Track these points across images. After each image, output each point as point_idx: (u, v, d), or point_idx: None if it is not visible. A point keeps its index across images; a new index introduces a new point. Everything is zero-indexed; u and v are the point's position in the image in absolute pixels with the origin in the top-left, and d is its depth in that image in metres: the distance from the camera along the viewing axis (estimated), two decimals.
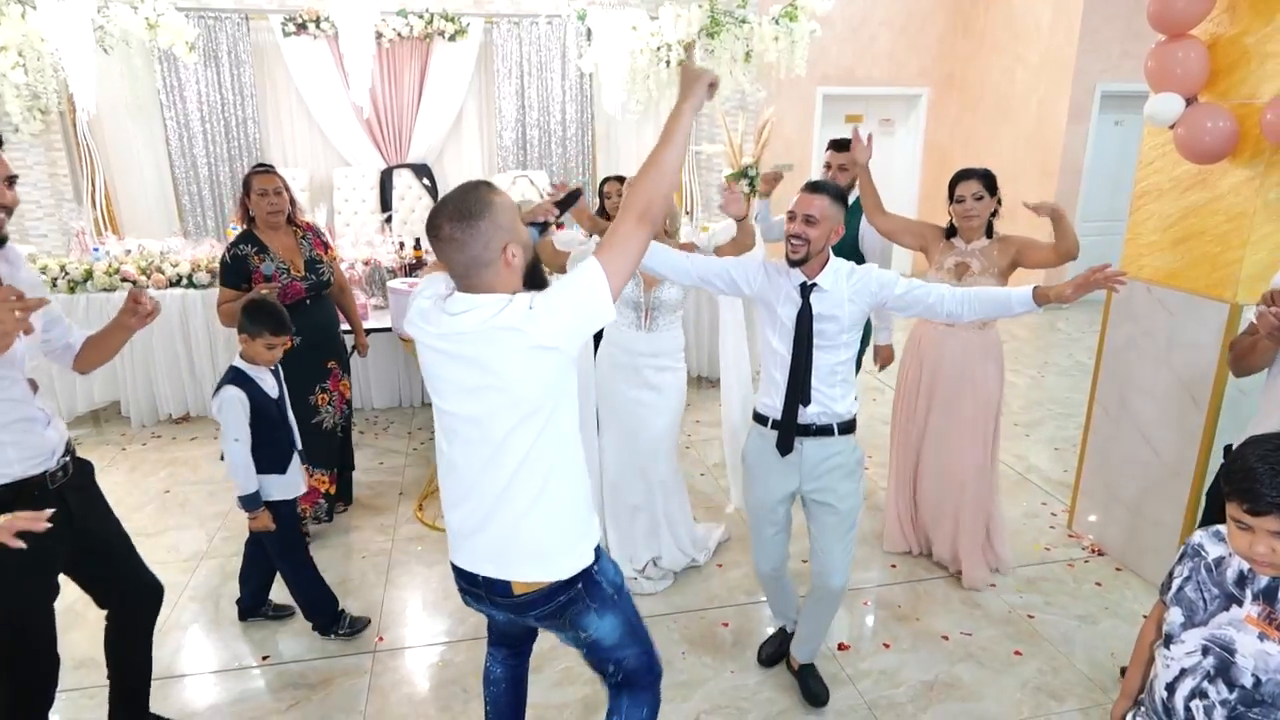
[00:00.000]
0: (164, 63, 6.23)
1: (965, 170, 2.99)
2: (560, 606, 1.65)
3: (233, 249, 3.17)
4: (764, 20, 5.87)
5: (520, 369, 1.50)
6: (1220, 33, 2.83)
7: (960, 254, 3.00)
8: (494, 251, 1.51)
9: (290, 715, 2.51)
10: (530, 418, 1.53)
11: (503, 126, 6.94)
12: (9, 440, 1.78)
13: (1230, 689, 1.39)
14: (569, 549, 1.64)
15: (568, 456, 1.62)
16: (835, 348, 2.25)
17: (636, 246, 1.51)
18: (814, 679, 2.57)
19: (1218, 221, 2.89)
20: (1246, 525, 1.33)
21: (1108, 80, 7.18)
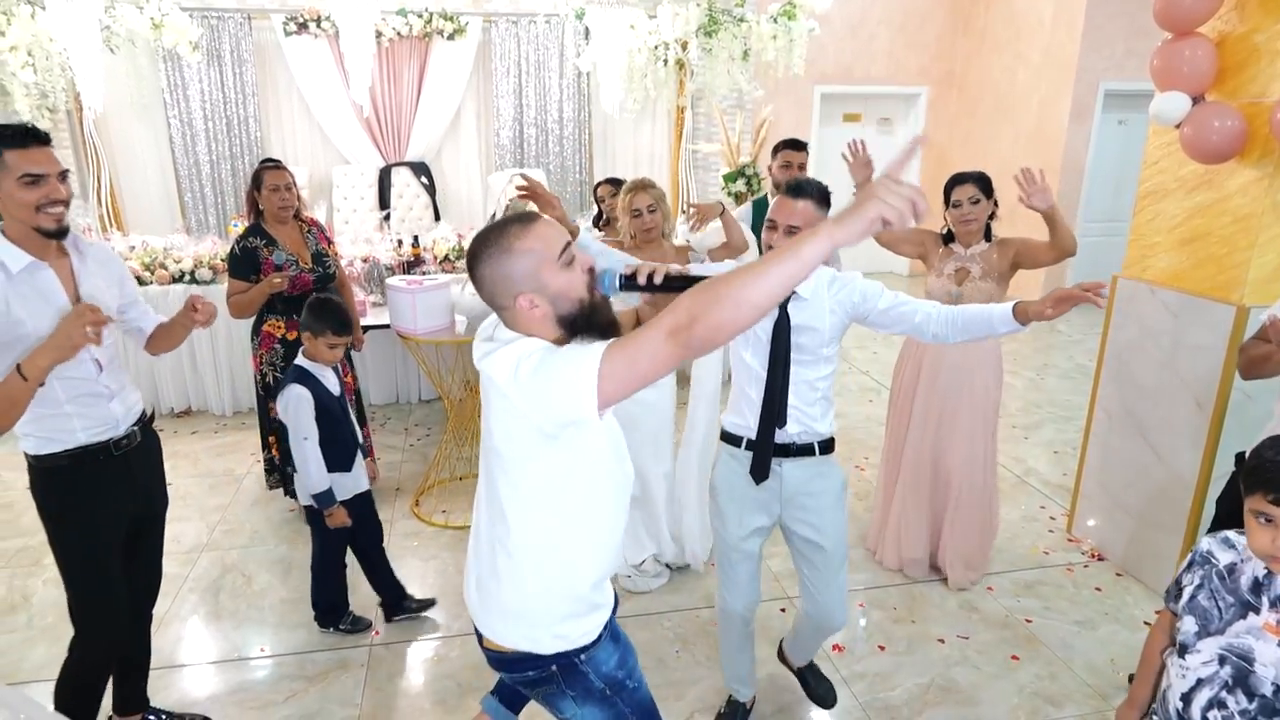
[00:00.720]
0: (168, 62, 6.25)
1: (960, 174, 2.94)
2: (530, 681, 1.51)
3: (242, 241, 3.28)
4: (762, 19, 5.86)
5: (500, 418, 1.38)
6: (1229, 30, 2.81)
7: (960, 259, 2.96)
8: (505, 299, 1.34)
9: (288, 707, 2.51)
10: (509, 472, 1.40)
11: (500, 125, 6.95)
12: (74, 412, 1.93)
13: (1250, 699, 1.36)
14: (539, 624, 1.45)
15: (563, 530, 1.43)
16: (815, 362, 2.05)
17: (651, 366, 1.19)
18: (816, 677, 2.50)
19: (1225, 223, 2.86)
20: (1269, 518, 1.31)
21: (1111, 79, 7.16)
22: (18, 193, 1.77)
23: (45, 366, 1.72)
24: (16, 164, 1.76)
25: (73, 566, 2.02)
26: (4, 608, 3.00)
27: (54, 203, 1.81)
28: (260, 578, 3.21)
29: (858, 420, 4.86)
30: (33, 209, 1.78)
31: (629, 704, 1.54)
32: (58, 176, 1.82)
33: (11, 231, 1.83)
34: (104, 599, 2.06)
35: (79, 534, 1.99)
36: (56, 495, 1.96)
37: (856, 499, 3.88)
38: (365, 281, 4.50)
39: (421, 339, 3.42)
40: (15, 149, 1.76)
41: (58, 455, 1.93)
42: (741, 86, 5.93)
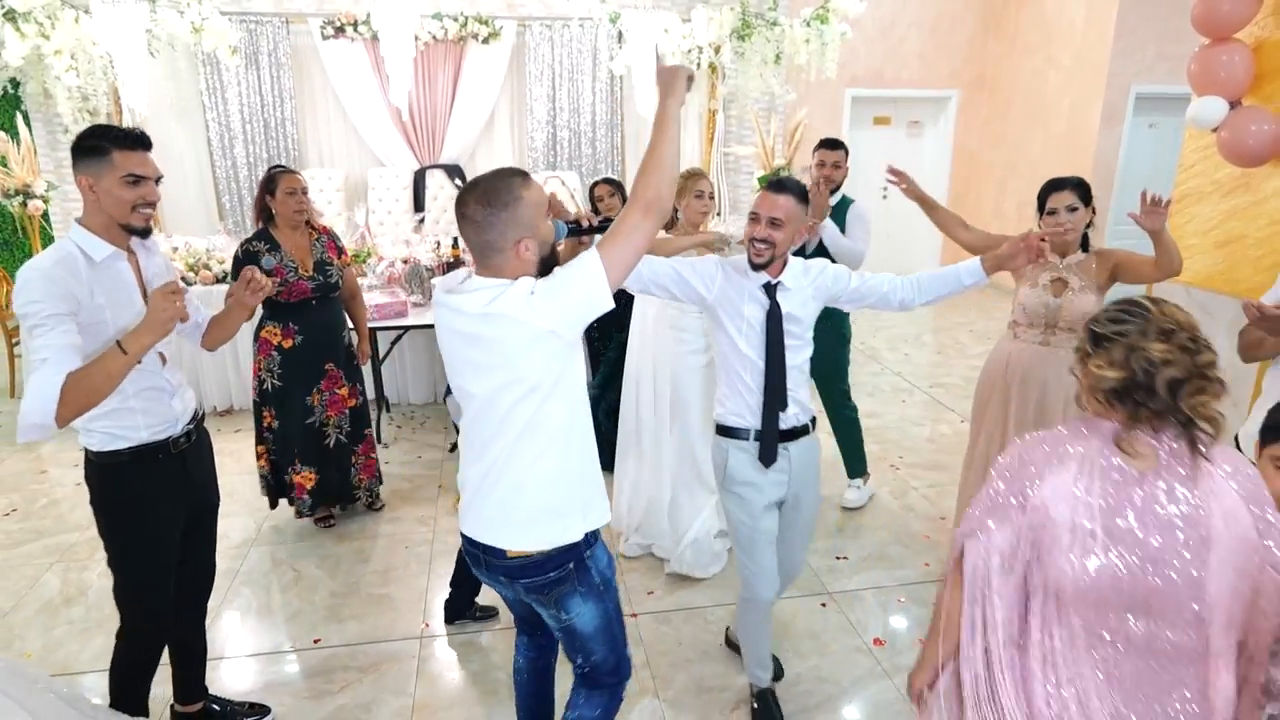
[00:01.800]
0: (207, 65, 6.39)
1: (1057, 180, 2.69)
2: (550, 582, 1.71)
3: (246, 245, 3.25)
4: (795, 23, 5.91)
5: (520, 350, 1.58)
6: (1265, 36, 2.84)
7: (1055, 270, 2.72)
8: (508, 241, 1.58)
9: (342, 696, 2.59)
10: (531, 394, 1.61)
11: (534, 127, 7.04)
12: (139, 407, 1.98)
13: None
14: (559, 521, 1.69)
15: (568, 433, 1.67)
16: (801, 346, 2.19)
17: (641, 238, 1.57)
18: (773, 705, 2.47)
19: (1260, 225, 2.90)
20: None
21: (1142, 82, 7.13)
22: (119, 190, 1.86)
23: (148, 344, 1.77)
24: (122, 163, 1.86)
25: (127, 561, 2.07)
26: (60, 600, 3.10)
27: (148, 204, 1.92)
28: (310, 572, 3.31)
29: (891, 421, 4.90)
30: (129, 207, 1.89)
31: (612, 601, 1.82)
32: (155, 180, 1.94)
33: (92, 224, 1.90)
34: (154, 594, 2.11)
35: (136, 530, 2.04)
36: (116, 492, 2.00)
37: (893, 497, 3.93)
38: (406, 282, 4.60)
39: None
40: (124, 149, 1.86)
41: (120, 453, 1.97)
42: (774, 90, 5.99)
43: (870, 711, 2.53)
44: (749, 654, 2.45)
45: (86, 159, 1.86)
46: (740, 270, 2.16)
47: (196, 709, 2.42)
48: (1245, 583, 1.24)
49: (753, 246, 2.08)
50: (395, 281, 4.66)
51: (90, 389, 1.72)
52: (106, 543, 2.07)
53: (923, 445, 4.57)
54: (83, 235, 1.89)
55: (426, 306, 4.51)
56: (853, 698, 2.58)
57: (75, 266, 1.84)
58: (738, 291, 2.14)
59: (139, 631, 2.15)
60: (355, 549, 3.48)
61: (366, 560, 3.39)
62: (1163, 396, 1.26)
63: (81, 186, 1.87)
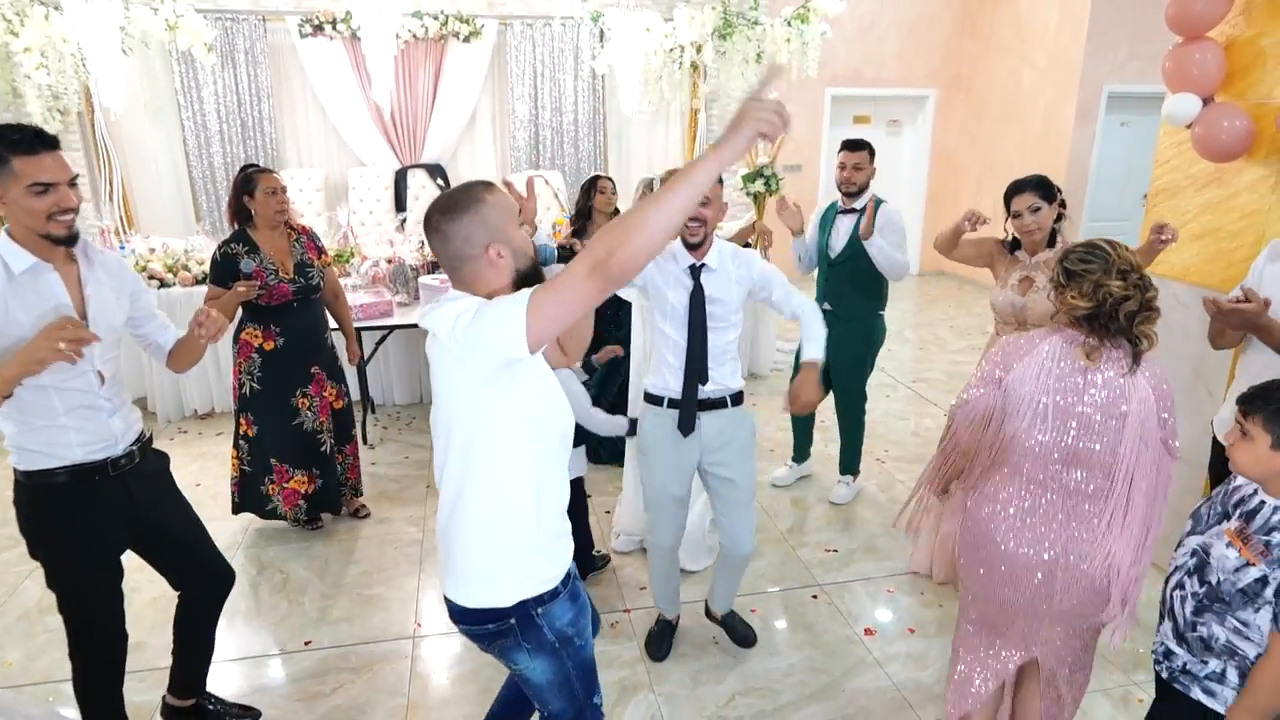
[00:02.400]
0: (182, 64, 6.31)
1: (1018, 182, 2.75)
2: (488, 634, 1.59)
3: (224, 247, 3.14)
4: (776, 22, 5.95)
5: (446, 375, 1.48)
6: (1236, 35, 2.91)
7: (1025, 268, 2.80)
8: (476, 247, 1.47)
9: (336, 697, 2.58)
10: (458, 428, 1.49)
11: (516, 126, 7.03)
12: (71, 425, 1.87)
13: (1200, 585, 1.65)
14: (489, 581, 1.55)
15: (508, 487, 1.52)
16: (726, 329, 2.34)
17: (577, 301, 1.30)
18: (739, 623, 2.78)
19: (1233, 218, 2.96)
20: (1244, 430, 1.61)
21: (1114, 82, 7.26)
22: (27, 201, 1.71)
23: (10, 377, 1.64)
24: (25, 171, 1.70)
25: (61, 586, 1.97)
26: (38, 610, 3.04)
27: (65, 210, 1.76)
28: (298, 574, 3.28)
29: (876, 416, 4.94)
30: (43, 217, 1.73)
31: (573, 659, 1.66)
32: (67, 183, 1.77)
33: (17, 233, 1.77)
34: (90, 620, 2.02)
35: (68, 555, 1.93)
36: (45, 513, 1.90)
37: (879, 490, 3.97)
38: (391, 282, 4.58)
39: None
40: (23, 155, 1.69)
41: (51, 472, 1.87)
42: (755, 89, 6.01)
43: (862, 700, 2.56)
44: (655, 591, 2.75)
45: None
46: (668, 255, 2.30)
47: (189, 704, 2.39)
48: (1144, 450, 1.76)
49: (686, 226, 2.21)
50: (380, 281, 4.63)
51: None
52: (42, 565, 1.97)
53: (908, 439, 4.62)
54: (5, 245, 1.76)
55: (411, 306, 4.49)
56: (845, 686, 2.62)
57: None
58: (664, 276, 2.30)
59: (88, 651, 2.05)
60: (343, 550, 3.46)
61: (355, 561, 3.37)
62: (1121, 323, 1.73)
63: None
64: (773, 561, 3.33)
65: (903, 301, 7.83)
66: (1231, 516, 1.65)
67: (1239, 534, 1.61)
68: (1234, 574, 1.58)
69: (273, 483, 3.41)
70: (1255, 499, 1.62)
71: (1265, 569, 1.54)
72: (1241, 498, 1.65)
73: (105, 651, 2.08)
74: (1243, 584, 1.56)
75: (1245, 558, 1.57)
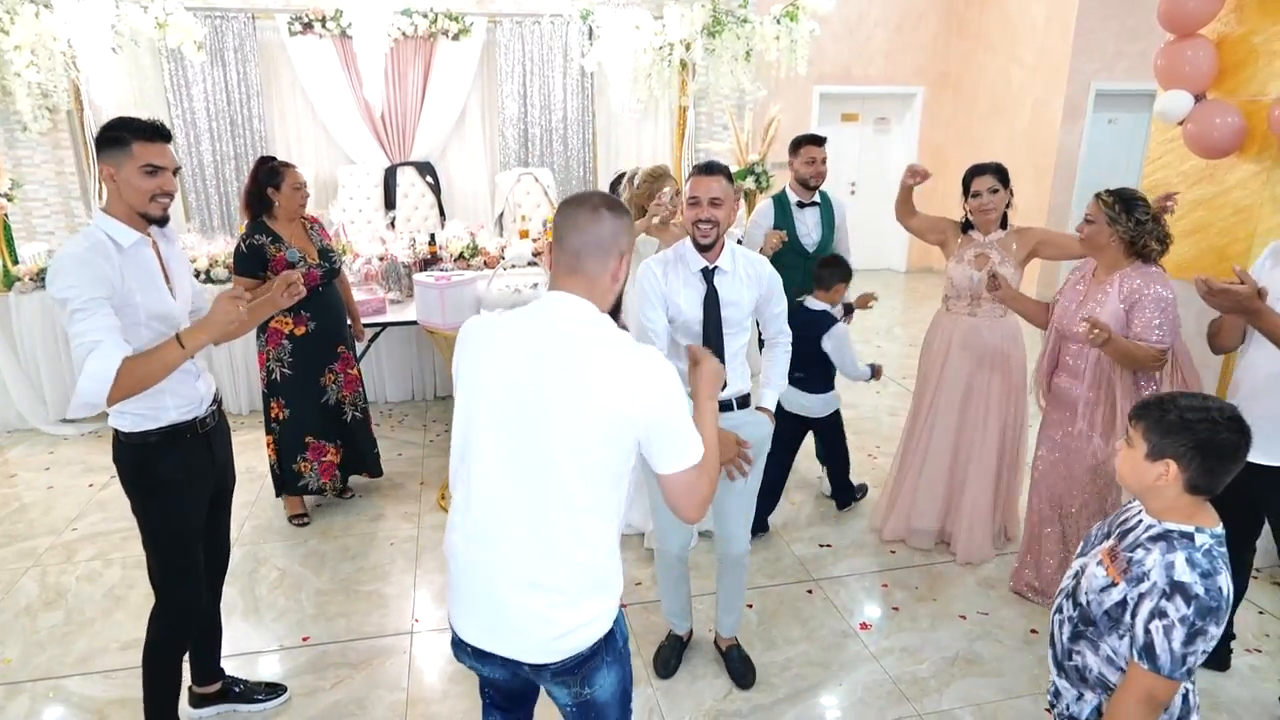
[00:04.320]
0: (171, 62, 6.26)
1: (979, 166, 3.05)
2: (578, 663, 1.48)
3: (248, 239, 3.25)
4: (765, 20, 5.96)
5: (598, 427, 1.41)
6: (1228, 32, 2.95)
7: (979, 246, 3.09)
8: (616, 247, 1.47)
9: (336, 692, 2.58)
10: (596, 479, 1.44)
11: (505, 124, 7.02)
12: (168, 389, 2.02)
13: (1074, 607, 1.59)
14: (611, 593, 1.53)
15: (619, 514, 1.53)
16: (737, 334, 2.29)
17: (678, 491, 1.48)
18: (740, 659, 2.63)
19: (1225, 215, 3.00)
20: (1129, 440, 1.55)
21: (1101, 79, 7.32)
22: (137, 180, 1.92)
23: (204, 341, 1.87)
24: (141, 154, 1.91)
25: (160, 539, 2.13)
26: (39, 605, 3.04)
27: (166, 194, 1.98)
28: (295, 570, 3.27)
29: (867, 410, 4.98)
30: (148, 197, 1.94)
31: (628, 663, 1.61)
32: (172, 171, 1.99)
33: (116, 211, 1.96)
34: (188, 569, 2.17)
35: (168, 508, 2.10)
36: (149, 472, 2.06)
37: (872, 485, 3.99)
38: (383, 279, 4.57)
39: (449, 333, 3.50)
40: (143, 141, 1.91)
41: (150, 433, 2.03)
42: (744, 86, 6.04)
43: (860, 693, 2.58)
44: (665, 604, 2.66)
45: (108, 149, 1.91)
46: (678, 258, 2.26)
47: (215, 689, 2.48)
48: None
49: (698, 228, 2.18)
50: (372, 279, 4.62)
51: (145, 374, 1.82)
52: (141, 523, 2.12)
53: (898, 434, 4.63)
54: (109, 222, 1.94)
55: (404, 303, 4.48)
56: (841, 680, 2.63)
57: (107, 251, 1.90)
58: (677, 279, 2.25)
59: (176, 609, 2.18)
60: (340, 547, 3.45)
61: (351, 558, 3.37)
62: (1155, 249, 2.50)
63: (104, 175, 1.94)
64: (767, 557, 3.35)
65: (891, 299, 7.87)
66: (1110, 536, 1.61)
67: (1110, 553, 1.55)
68: (1099, 594, 1.52)
69: (305, 460, 3.56)
70: (1135, 518, 1.56)
71: (1125, 588, 1.47)
72: (1126, 518, 1.60)
73: (187, 608, 2.19)
74: (1107, 605, 1.50)
75: (1110, 576, 1.51)
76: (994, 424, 3.17)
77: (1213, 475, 1.44)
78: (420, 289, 3.55)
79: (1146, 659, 1.42)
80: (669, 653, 2.68)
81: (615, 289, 1.51)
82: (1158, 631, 1.40)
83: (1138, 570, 1.46)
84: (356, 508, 3.79)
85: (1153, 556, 1.45)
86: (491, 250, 5.01)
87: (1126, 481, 1.54)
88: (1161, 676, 1.41)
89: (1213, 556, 1.43)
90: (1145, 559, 1.45)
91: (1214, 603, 1.38)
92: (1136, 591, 1.45)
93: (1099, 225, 2.55)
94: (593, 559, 1.45)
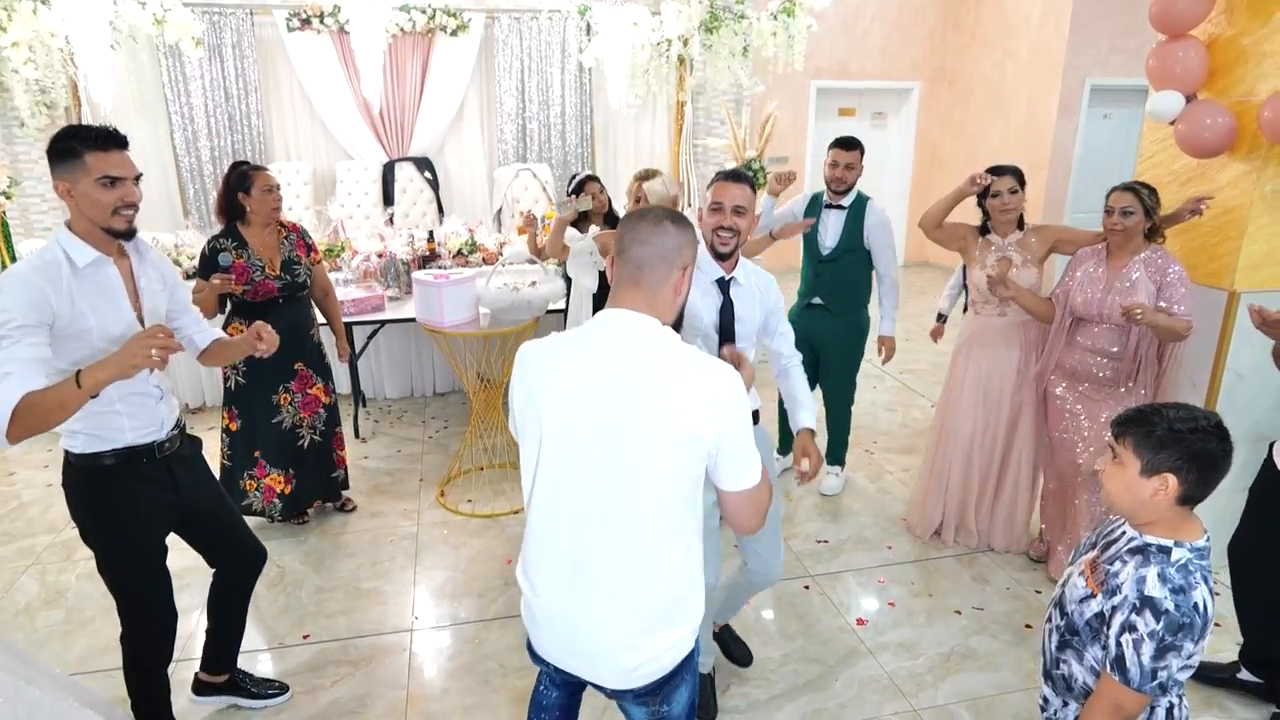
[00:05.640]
0: (170, 58, 6.25)
1: (999, 166, 3.12)
2: (665, 680, 1.49)
3: (213, 242, 3.18)
4: (762, 16, 5.97)
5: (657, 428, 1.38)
6: (1218, 33, 2.97)
7: (1000, 249, 3.14)
8: (681, 259, 1.46)
9: (337, 689, 2.60)
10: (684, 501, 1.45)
11: (503, 120, 7.01)
12: (124, 410, 1.94)
13: (1061, 616, 1.60)
14: (675, 649, 1.50)
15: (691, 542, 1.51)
16: (745, 348, 2.20)
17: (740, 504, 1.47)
18: (733, 639, 2.68)
19: (1216, 214, 3.02)
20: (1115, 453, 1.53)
21: (1096, 75, 7.34)
22: (96, 193, 1.80)
23: (104, 380, 1.68)
24: (97, 165, 1.79)
25: (114, 566, 2.05)
26: (39, 604, 3.06)
27: (129, 205, 1.86)
28: (294, 568, 3.30)
29: (864, 407, 5.00)
30: (109, 210, 1.82)
31: (697, 672, 1.61)
32: (133, 180, 1.87)
33: (79, 228, 1.85)
34: (151, 599, 2.11)
35: (121, 538, 2.01)
36: (96, 496, 1.96)
37: (869, 481, 4.03)
38: (382, 276, 4.58)
39: (449, 332, 3.52)
40: (96, 150, 1.79)
41: (103, 455, 1.94)
42: (742, 82, 6.05)
43: (856, 688, 2.61)
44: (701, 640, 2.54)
45: (61, 162, 1.80)
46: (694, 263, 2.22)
47: (223, 679, 2.49)
48: None
49: (718, 235, 2.10)
50: (370, 275, 4.64)
51: (42, 415, 1.65)
52: (91, 547, 2.04)
53: (896, 430, 4.69)
54: (68, 239, 1.84)
55: (402, 300, 4.50)
56: (839, 675, 2.67)
57: (56, 273, 1.79)
58: (696, 286, 2.14)
59: (140, 633, 2.14)
60: (339, 544, 3.48)
61: (350, 555, 3.39)
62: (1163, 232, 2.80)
63: (60, 191, 1.82)
64: None
65: None
66: (1095, 546, 1.61)
67: (1092, 564, 1.55)
68: (1080, 604, 1.53)
69: (251, 478, 3.44)
70: (1119, 529, 1.56)
71: (1103, 600, 1.48)
72: (1113, 528, 1.59)
73: (157, 631, 2.15)
74: (1088, 616, 1.50)
75: (1090, 588, 1.51)
76: (1007, 414, 3.25)
77: (1205, 485, 1.44)
78: (419, 287, 3.57)
79: (1117, 671, 1.44)
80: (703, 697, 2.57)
81: (678, 302, 1.49)
82: (1128, 645, 1.42)
83: (1112, 583, 1.47)
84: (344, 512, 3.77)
85: (1127, 570, 1.46)
86: (490, 247, 5.02)
87: (1119, 500, 1.51)
88: (1130, 690, 1.42)
89: (1188, 571, 1.42)
90: (1120, 572, 1.47)
91: (1186, 619, 1.38)
92: (1110, 604, 1.46)
93: (1138, 216, 2.76)
94: (673, 584, 1.44)
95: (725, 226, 2.09)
